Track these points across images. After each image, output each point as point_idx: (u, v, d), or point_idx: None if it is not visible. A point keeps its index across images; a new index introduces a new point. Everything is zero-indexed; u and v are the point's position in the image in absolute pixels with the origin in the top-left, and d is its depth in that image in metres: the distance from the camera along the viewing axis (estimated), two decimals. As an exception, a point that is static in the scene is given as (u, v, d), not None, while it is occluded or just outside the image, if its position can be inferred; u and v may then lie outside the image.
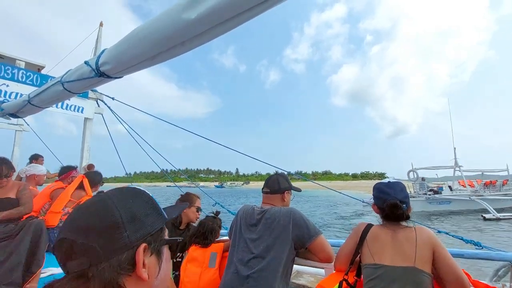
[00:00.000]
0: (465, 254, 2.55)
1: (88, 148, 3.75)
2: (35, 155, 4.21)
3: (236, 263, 1.63)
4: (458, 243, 3.01)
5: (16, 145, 5.24)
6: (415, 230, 1.35)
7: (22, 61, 3.56)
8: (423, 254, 1.27)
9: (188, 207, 2.39)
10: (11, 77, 3.13)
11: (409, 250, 1.30)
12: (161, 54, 1.34)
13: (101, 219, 0.51)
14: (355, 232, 1.53)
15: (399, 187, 1.46)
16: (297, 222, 1.60)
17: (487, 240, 11.01)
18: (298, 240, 1.59)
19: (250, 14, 1.01)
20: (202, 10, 1.03)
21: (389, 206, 1.39)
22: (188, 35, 1.17)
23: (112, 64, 1.51)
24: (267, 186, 1.86)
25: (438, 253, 1.28)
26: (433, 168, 22.30)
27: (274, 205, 1.77)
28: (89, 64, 1.64)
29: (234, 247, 1.74)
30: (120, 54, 1.44)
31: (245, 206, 1.87)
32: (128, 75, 1.65)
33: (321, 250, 1.60)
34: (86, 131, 3.78)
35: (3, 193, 2.41)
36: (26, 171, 3.47)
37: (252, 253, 1.59)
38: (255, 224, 1.69)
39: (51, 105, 2.29)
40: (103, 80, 1.71)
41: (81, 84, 1.80)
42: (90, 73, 1.65)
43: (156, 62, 1.43)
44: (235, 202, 34.07)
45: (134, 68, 1.50)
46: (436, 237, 1.33)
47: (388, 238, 1.38)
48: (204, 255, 2.02)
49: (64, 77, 1.90)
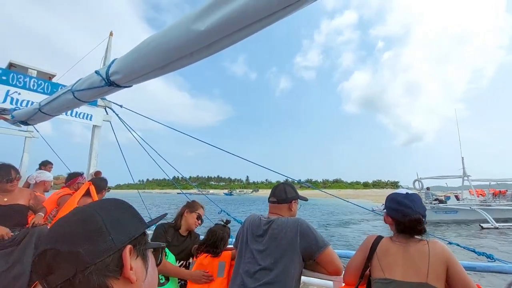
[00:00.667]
0: (477, 267, 2.48)
1: (96, 155, 3.80)
2: (45, 162, 4.27)
3: (242, 275, 1.60)
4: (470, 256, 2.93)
5: (25, 152, 5.32)
6: (428, 244, 1.30)
7: (34, 70, 3.65)
8: (436, 270, 1.22)
9: (189, 212, 2.39)
10: (23, 85, 3.21)
11: (422, 265, 1.24)
12: (170, 64, 1.36)
13: (83, 225, 0.51)
14: (364, 244, 1.48)
15: (419, 200, 1.40)
16: (305, 233, 1.57)
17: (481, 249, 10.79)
18: (306, 251, 1.56)
19: (258, 26, 1.02)
20: (211, 22, 1.05)
21: (413, 221, 1.32)
22: (197, 46, 1.19)
23: (122, 73, 1.53)
24: (274, 195, 1.83)
25: (452, 268, 1.23)
26: (440, 178, 22.08)
27: (281, 215, 1.75)
28: (99, 74, 1.67)
29: (240, 258, 1.71)
30: (130, 64, 1.47)
31: (252, 216, 1.85)
32: (137, 84, 1.68)
33: (330, 262, 1.57)
34: (94, 139, 3.83)
35: (12, 199, 2.43)
36: (35, 177, 3.52)
37: (259, 265, 1.57)
38: (261, 235, 1.67)
39: (61, 113, 2.33)
40: (112, 89, 1.74)
41: (91, 93, 1.83)
42: (100, 82, 1.67)
43: (165, 72, 1.44)
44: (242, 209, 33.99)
45: (143, 77, 1.52)
46: (450, 251, 1.27)
47: (400, 252, 1.33)
48: (212, 264, 2.00)
49: (74, 86, 1.93)
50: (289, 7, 0.93)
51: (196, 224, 2.41)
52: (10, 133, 5.18)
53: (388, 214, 1.45)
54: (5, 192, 2.40)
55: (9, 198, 2.42)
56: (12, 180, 2.40)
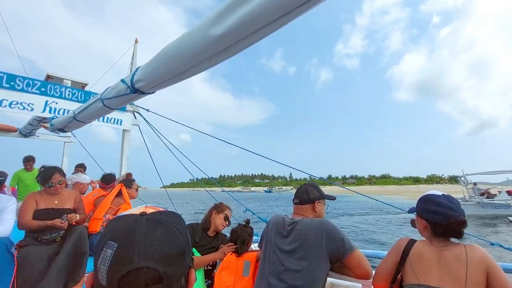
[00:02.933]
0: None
1: (126, 157, 4.00)
2: (79, 164, 4.60)
3: (268, 276, 1.60)
4: None
5: (65, 156, 5.77)
6: (465, 248, 1.20)
7: (68, 80, 3.93)
8: (476, 277, 1.12)
9: (217, 213, 2.43)
10: (59, 95, 3.47)
11: (459, 271, 1.15)
12: (189, 69, 1.38)
13: (174, 247, 0.52)
14: (395, 248, 1.40)
15: (457, 203, 1.32)
16: (331, 235, 1.53)
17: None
18: (333, 254, 1.52)
19: (274, 27, 1.00)
20: (227, 26, 1.05)
21: (457, 223, 1.25)
22: (214, 50, 1.19)
23: (145, 81, 1.59)
24: (297, 197, 1.81)
25: (494, 276, 1.12)
26: (489, 173, 21.17)
27: (305, 216, 1.72)
28: (125, 82, 1.74)
29: (265, 258, 1.71)
30: (152, 71, 1.52)
31: (276, 216, 1.84)
32: (160, 90, 1.73)
33: (357, 266, 1.51)
34: (125, 142, 4.04)
35: (61, 203, 2.60)
36: (72, 179, 3.78)
37: (284, 266, 1.55)
38: (286, 236, 1.65)
39: (93, 120, 2.48)
40: (138, 96, 1.81)
41: (118, 101, 1.92)
42: (126, 90, 1.75)
43: (185, 77, 1.47)
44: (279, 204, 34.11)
45: (165, 83, 1.56)
46: (490, 257, 1.16)
47: (434, 256, 1.24)
48: (237, 263, 2.02)
49: (103, 94, 2.04)
50: (305, 4, 0.90)
51: (224, 225, 2.44)
52: (51, 139, 5.65)
53: (423, 216, 1.36)
54: (55, 194, 2.58)
55: (59, 200, 2.59)
56: (61, 183, 2.57)
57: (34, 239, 2.37)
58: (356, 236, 13.25)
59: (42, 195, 2.53)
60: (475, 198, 20.16)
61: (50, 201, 2.53)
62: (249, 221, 2.34)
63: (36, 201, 2.46)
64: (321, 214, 1.78)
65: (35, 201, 2.45)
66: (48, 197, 2.54)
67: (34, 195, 2.50)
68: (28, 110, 3.27)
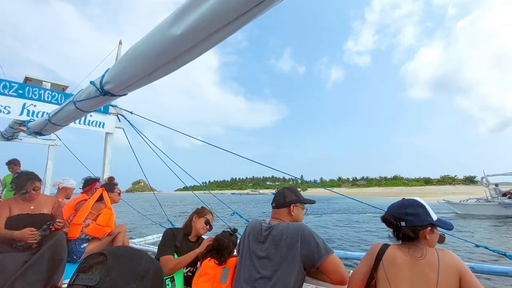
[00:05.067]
0: (509, 272, 2.25)
1: (109, 161, 3.92)
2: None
3: (242, 283, 1.56)
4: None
5: (49, 159, 5.65)
6: (437, 254, 1.19)
7: (48, 82, 3.84)
8: (447, 281, 1.11)
9: (198, 217, 2.38)
10: (38, 98, 3.38)
11: (431, 276, 1.14)
12: (156, 71, 1.34)
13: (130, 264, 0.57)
14: (369, 253, 1.38)
15: (403, 204, 1.35)
16: (306, 240, 1.49)
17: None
18: (307, 259, 1.47)
19: (234, 27, 0.97)
20: (186, 26, 1.01)
21: (383, 221, 1.37)
22: (178, 50, 1.16)
23: (114, 83, 1.54)
24: (274, 200, 1.77)
25: (466, 280, 1.11)
26: (511, 174, 21.25)
27: (282, 220, 1.68)
28: (94, 84, 1.69)
29: (241, 264, 1.67)
30: (119, 73, 1.47)
31: (253, 222, 1.79)
32: (131, 92, 1.68)
33: (333, 271, 1.46)
34: (107, 145, 3.96)
35: (38, 208, 2.50)
36: (58, 183, 3.67)
37: (259, 273, 1.51)
38: (262, 241, 1.61)
39: (69, 123, 2.41)
40: (109, 98, 1.75)
41: (90, 103, 1.86)
42: (96, 92, 1.70)
43: (154, 78, 1.43)
44: (260, 208, 33.99)
45: (134, 85, 1.52)
46: (462, 262, 1.16)
47: (407, 262, 1.22)
48: (216, 270, 1.97)
49: (75, 97, 1.98)
50: (261, 4, 0.86)
51: (205, 229, 2.39)
52: (35, 142, 5.51)
53: None
54: (31, 200, 2.49)
55: (35, 206, 2.50)
56: (36, 189, 2.48)
57: (9, 245, 2.29)
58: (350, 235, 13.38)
59: (17, 200, 2.44)
60: (497, 198, 20.42)
61: (25, 207, 2.44)
62: (236, 230, 2.26)
63: (10, 208, 2.37)
64: (298, 218, 1.74)
65: (8, 208, 2.36)
66: (24, 202, 2.45)
67: (8, 201, 2.41)
68: (4, 113, 3.16)
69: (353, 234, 14.16)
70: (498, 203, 19.97)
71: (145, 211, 25.18)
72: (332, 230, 15.71)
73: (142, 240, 5.40)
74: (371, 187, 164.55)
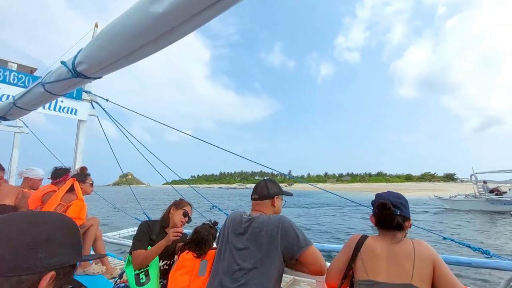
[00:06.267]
0: (473, 263, 2.39)
1: (81, 150, 3.69)
2: None
3: (221, 275, 1.54)
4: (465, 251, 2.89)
5: (15, 147, 5.25)
6: (413, 244, 1.24)
7: (14, 63, 3.52)
8: (421, 270, 1.17)
9: (176, 209, 2.31)
10: (2, 80, 3.10)
11: (406, 265, 1.18)
12: (134, 52, 1.26)
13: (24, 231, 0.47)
14: (348, 244, 1.42)
15: (396, 195, 1.38)
16: (286, 232, 1.50)
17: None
18: (287, 251, 1.49)
19: (221, 7, 0.92)
20: (169, 3, 0.94)
21: (378, 205, 1.34)
22: (158, 31, 1.09)
23: (87, 64, 1.43)
24: (256, 192, 1.77)
25: (439, 270, 1.17)
26: (498, 172, 22.75)
27: (263, 212, 1.68)
28: (65, 65, 1.56)
29: (219, 256, 1.65)
30: (93, 54, 1.37)
31: (234, 213, 1.78)
32: (107, 75, 1.58)
33: (312, 263, 1.49)
34: (80, 134, 3.72)
35: (0, 199, 2.33)
36: (22, 173, 3.43)
37: (238, 265, 1.50)
38: (242, 233, 1.60)
39: (37, 107, 2.23)
40: (82, 81, 1.63)
41: (60, 85, 1.73)
42: (68, 73, 1.57)
43: (132, 61, 1.35)
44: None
45: (110, 67, 1.42)
46: (436, 252, 1.22)
47: (384, 252, 1.27)
48: (194, 262, 1.93)
49: (44, 78, 1.83)
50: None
51: (183, 221, 2.34)
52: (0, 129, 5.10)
53: (372, 213, 1.43)
54: None
55: None
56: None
57: None
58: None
59: None
60: (484, 195, 21.80)
61: None
62: (217, 223, 2.23)
63: None
64: (279, 210, 1.76)
65: None
66: None
67: None
68: (-37, 95, 2.88)
69: (331, 227, 14.69)
70: (485, 199, 21.44)
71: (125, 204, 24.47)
72: (311, 223, 16.23)
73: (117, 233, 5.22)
74: (355, 182, 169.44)
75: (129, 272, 2.03)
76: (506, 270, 2.27)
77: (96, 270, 2.88)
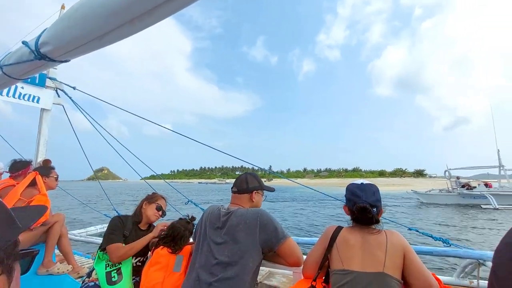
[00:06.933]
0: (434, 251, 2.59)
1: (44, 142, 3.40)
2: None
3: (198, 269, 1.50)
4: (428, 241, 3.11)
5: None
6: (386, 234, 1.30)
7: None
8: (393, 259, 1.22)
9: (148, 203, 2.24)
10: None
11: (379, 254, 1.24)
12: (108, 34, 1.16)
13: None
14: (324, 236, 1.46)
15: (371, 190, 1.39)
16: (265, 225, 1.50)
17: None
18: (266, 244, 1.50)
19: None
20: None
21: (358, 209, 1.34)
22: (136, 11, 1.01)
23: (53, 45, 1.31)
24: (236, 185, 1.75)
25: (409, 258, 1.24)
26: (472, 168, 25.10)
27: (242, 206, 1.67)
28: (27, 45, 1.41)
29: (197, 251, 1.61)
30: (60, 34, 1.25)
31: (211, 207, 1.74)
32: (75, 58, 1.45)
33: (290, 255, 1.51)
34: (43, 123, 3.42)
35: None
36: None
37: (216, 259, 1.47)
38: (220, 227, 1.57)
39: (-7, 92, 2.01)
40: (46, 64, 1.49)
41: (21, 68, 1.56)
42: (30, 55, 1.43)
43: (105, 43, 1.25)
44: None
45: (80, 50, 1.30)
46: (406, 242, 1.29)
47: (358, 242, 1.32)
48: (169, 258, 1.87)
49: (3, 59, 1.65)
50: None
51: (156, 215, 2.26)
52: None
53: (345, 203, 1.45)
54: None
55: None
56: None
57: None
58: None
59: None
60: (457, 189, 23.88)
61: None
62: (195, 218, 2.17)
63: None
64: (258, 204, 1.75)
65: None
66: None
67: None
68: None
69: (305, 221, 15.17)
70: (457, 194, 23.50)
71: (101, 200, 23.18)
72: (288, 216, 16.67)
73: (84, 231, 4.94)
74: (332, 178, 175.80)
75: (100, 270, 1.93)
76: (462, 257, 2.49)
77: (61, 269, 2.69)
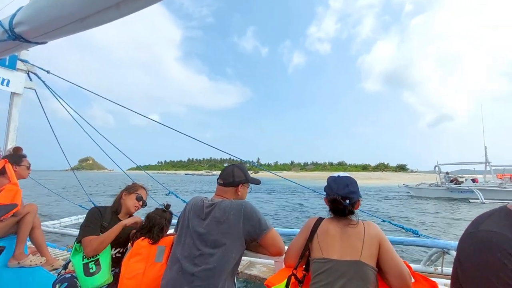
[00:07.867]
0: (404, 241, 2.77)
1: (14, 128, 3.19)
2: None
3: (181, 260, 1.50)
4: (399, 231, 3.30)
5: None
6: (364, 225, 1.37)
7: None
8: (370, 248, 1.30)
9: (128, 194, 2.20)
10: None
11: (357, 244, 1.31)
12: (91, 16, 1.11)
13: None
14: (305, 226, 1.51)
15: (344, 183, 1.44)
16: (249, 216, 1.53)
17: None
18: (249, 235, 1.53)
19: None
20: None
21: (330, 201, 1.43)
22: (123, -6, 0.97)
23: (29, 25, 1.23)
24: (222, 177, 1.74)
25: (383, 247, 1.32)
26: (460, 164, 26.86)
27: (226, 198, 1.68)
28: (0, 24, 1.32)
29: (179, 242, 1.61)
30: (38, 13, 1.18)
31: (195, 199, 1.74)
32: (53, 40, 1.38)
33: (272, 245, 1.56)
34: (13, 108, 3.20)
35: None
36: None
37: (199, 250, 1.48)
38: (203, 218, 1.58)
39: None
40: (21, 45, 1.41)
41: (-8, 48, 1.46)
42: (3, 35, 1.33)
43: (87, 26, 1.19)
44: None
45: (59, 32, 1.24)
46: (382, 232, 1.37)
47: (337, 232, 1.38)
48: (150, 249, 1.85)
49: (-30, 38, 1.52)
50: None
51: (136, 205, 2.22)
52: None
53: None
54: None
55: None
56: None
57: None
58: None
59: None
60: (445, 184, 25.54)
61: None
62: (170, 205, 2.15)
63: None
64: (243, 197, 1.77)
65: None
66: None
67: None
68: None
69: (287, 212, 15.53)
70: (446, 188, 25.23)
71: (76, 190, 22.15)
72: (271, 208, 16.95)
73: (57, 222, 4.74)
74: (318, 171, 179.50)
75: (77, 262, 1.87)
76: (430, 247, 2.69)
77: (33, 261, 2.58)
